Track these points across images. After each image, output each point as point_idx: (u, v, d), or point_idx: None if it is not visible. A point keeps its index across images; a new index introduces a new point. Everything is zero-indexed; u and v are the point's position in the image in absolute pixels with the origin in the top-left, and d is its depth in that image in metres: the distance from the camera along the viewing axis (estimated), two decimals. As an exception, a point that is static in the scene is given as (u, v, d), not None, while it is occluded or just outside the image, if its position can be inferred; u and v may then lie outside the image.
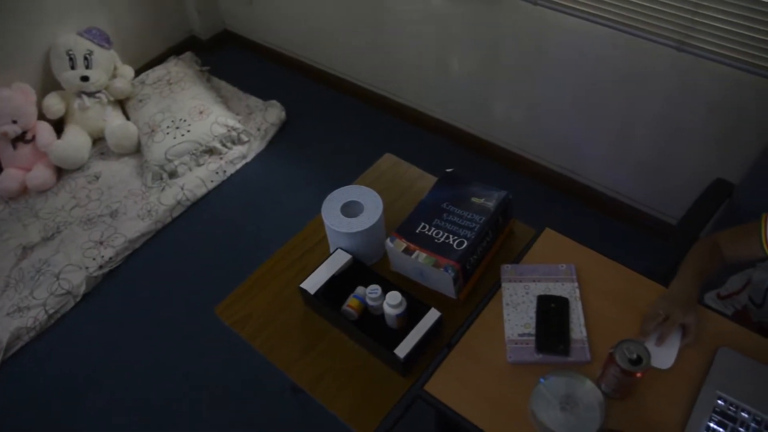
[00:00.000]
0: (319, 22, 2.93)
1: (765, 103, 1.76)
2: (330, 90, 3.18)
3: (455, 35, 2.43)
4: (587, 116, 2.26)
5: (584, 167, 2.46)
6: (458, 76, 2.56)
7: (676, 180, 2.17)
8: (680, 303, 1.21)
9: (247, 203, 2.68)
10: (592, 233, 2.43)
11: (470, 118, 2.70)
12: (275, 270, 1.49)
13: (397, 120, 2.97)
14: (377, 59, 2.84)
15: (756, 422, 1.09)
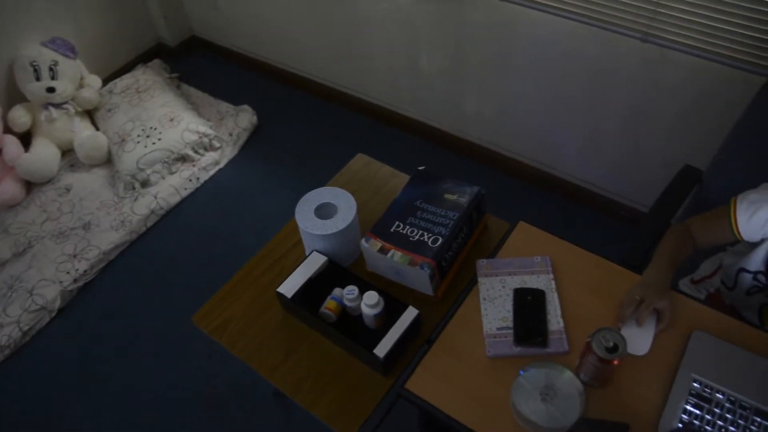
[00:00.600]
0: (287, 24, 2.92)
1: (728, 89, 1.79)
2: (301, 92, 3.16)
3: (424, 33, 2.43)
4: (557, 109, 2.28)
5: (556, 160, 2.48)
6: (429, 74, 2.57)
7: (647, 168, 2.20)
8: (654, 289, 1.23)
9: (222, 209, 2.66)
10: (567, 225, 2.46)
11: (442, 115, 2.71)
12: (251, 275, 1.48)
13: (370, 120, 2.96)
14: (347, 60, 2.84)
15: (730, 402, 1.11)
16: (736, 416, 1.10)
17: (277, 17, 2.93)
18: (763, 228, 1.24)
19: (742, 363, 1.17)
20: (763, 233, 1.26)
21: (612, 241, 2.31)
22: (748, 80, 1.62)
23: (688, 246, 1.36)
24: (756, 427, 1.08)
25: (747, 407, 1.10)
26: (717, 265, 1.53)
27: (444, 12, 2.28)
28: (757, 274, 1.32)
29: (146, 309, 2.32)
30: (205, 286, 1.47)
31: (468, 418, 1.13)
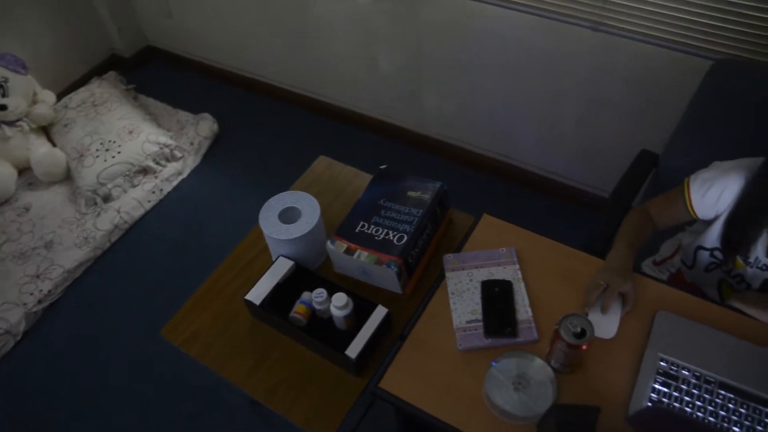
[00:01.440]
0: (243, 30, 2.89)
1: (678, 74, 1.84)
2: (261, 97, 3.14)
3: (381, 32, 2.44)
4: (515, 101, 2.31)
5: (518, 151, 2.51)
6: (387, 73, 2.58)
7: (605, 155, 2.24)
8: (617, 273, 1.25)
9: (188, 220, 2.63)
10: (532, 214, 2.49)
11: (403, 113, 2.72)
12: (219, 285, 1.47)
13: (332, 121, 2.96)
14: (306, 62, 2.83)
15: (696, 378, 1.14)
16: (701, 391, 1.12)
17: (232, 23, 2.90)
18: (716, 205, 1.28)
19: (705, 339, 1.20)
20: (716, 210, 1.29)
21: (576, 228, 2.34)
22: (696, 64, 1.66)
23: (647, 228, 1.40)
24: (720, 400, 1.11)
25: (712, 381, 1.13)
26: (677, 246, 1.57)
27: (400, 10, 2.29)
28: (713, 251, 1.36)
29: (115, 326, 2.29)
30: (174, 298, 1.46)
31: (443, 412, 1.14)
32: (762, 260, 1.29)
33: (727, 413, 1.10)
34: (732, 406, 1.10)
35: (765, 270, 1.30)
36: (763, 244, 1.27)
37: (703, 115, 1.55)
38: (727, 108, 1.51)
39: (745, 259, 1.31)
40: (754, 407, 1.10)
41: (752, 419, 1.09)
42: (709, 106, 1.54)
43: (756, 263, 1.31)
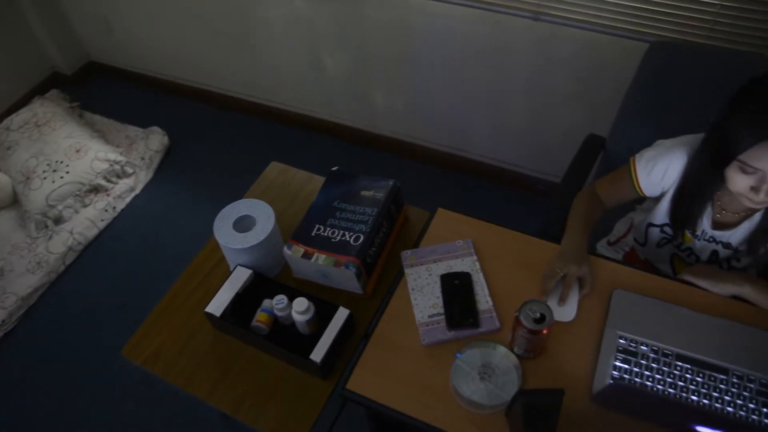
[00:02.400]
0: (187, 40, 2.85)
1: (617, 58, 1.89)
2: (210, 107, 3.11)
3: (325, 34, 2.43)
4: (463, 94, 2.33)
5: (470, 143, 2.54)
6: (335, 74, 2.57)
7: (555, 141, 2.28)
8: (573, 258, 1.28)
9: (144, 236, 2.58)
10: (489, 205, 2.52)
11: (353, 113, 2.72)
12: (178, 299, 1.44)
13: (282, 126, 2.94)
14: (252, 69, 2.80)
15: (654, 352, 1.17)
16: (660, 364, 1.15)
17: (174, 34, 2.86)
18: (662, 182, 1.32)
19: (660, 313, 1.23)
20: (663, 187, 1.33)
21: (533, 215, 2.38)
22: (633, 48, 1.70)
23: (597, 210, 1.43)
24: (678, 371, 1.14)
25: (669, 354, 1.16)
26: (629, 225, 1.61)
27: (341, 11, 2.29)
28: (663, 227, 1.40)
29: (76, 351, 2.23)
30: (135, 317, 1.43)
31: (412, 408, 1.14)
32: (708, 233, 1.33)
33: (685, 383, 1.13)
34: (689, 376, 1.14)
35: (712, 242, 1.35)
36: (708, 217, 1.32)
37: (643, 96, 1.59)
38: (665, 88, 1.56)
39: (693, 233, 1.35)
40: (709, 375, 1.13)
41: (708, 386, 1.12)
42: (647, 87, 1.58)
43: (703, 236, 1.35)
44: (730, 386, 1.12)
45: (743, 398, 1.11)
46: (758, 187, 1.10)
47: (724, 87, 1.13)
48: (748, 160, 1.07)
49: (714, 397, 1.11)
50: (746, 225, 1.28)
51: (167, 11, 2.75)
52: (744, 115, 1.07)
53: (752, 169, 1.08)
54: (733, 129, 1.08)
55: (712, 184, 1.24)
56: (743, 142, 1.05)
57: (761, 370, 1.13)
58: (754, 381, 1.12)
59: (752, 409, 1.09)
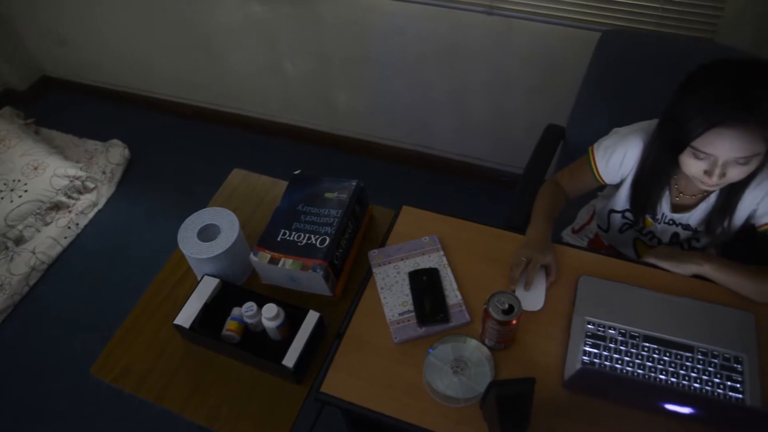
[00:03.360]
0: (142, 50, 2.81)
1: (572, 48, 1.91)
2: (171, 116, 3.07)
3: (282, 38, 2.42)
4: (424, 91, 2.34)
5: (433, 139, 2.55)
6: (295, 77, 2.56)
7: (517, 133, 2.31)
8: (537, 247, 1.29)
9: (109, 251, 2.53)
10: (455, 200, 2.54)
11: (315, 115, 2.71)
12: (146, 313, 1.42)
13: (245, 132, 2.92)
14: (211, 76, 2.78)
15: (622, 335, 1.19)
16: (628, 346, 1.18)
17: (129, 43, 2.81)
18: (620, 169, 1.34)
19: (626, 297, 1.25)
20: (621, 174, 1.36)
21: (499, 207, 2.39)
22: (587, 37, 1.73)
23: (560, 200, 1.45)
24: (646, 352, 1.17)
25: (636, 336, 1.19)
26: (592, 212, 1.63)
27: (298, 13, 2.28)
28: (624, 213, 1.42)
29: (44, 374, 2.18)
30: (104, 335, 1.40)
31: (388, 407, 1.14)
32: (668, 216, 1.36)
33: (653, 363, 1.16)
34: (657, 356, 1.16)
35: (672, 224, 1.38)
36: (667, 201, 1.34)
37: (598, 84, 1.62)
38: (619, 75, 1.59)
39: (654, 217, 1.38)
40: (675, 353, 1.16)
41: (675, 365, 1.15)
42: (602, 76, 1.61)
43: (663, 219, 1.38)
44: (696, 363, 1.15)
45: (708, 374, 1.13)
46: (711, 171, 1.12)
47: (676, 72, 1.15)
48: (700, 146, 1.10)
49: (681, 375, 1.14)
50: (703, 206, 1.31)
51: (120, 21, 2.71)
52: (694, 103, 1.09)
53: (704, 154, 1.11)
54: (685, 117, 1.10)
55: (668, 169, 1.27)
56: (695, 129, 1.08)
57: (724, 345, 1.16)
58: (717, 356, 1.15)
59: (717, 383, 1.12)
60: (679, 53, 1.52)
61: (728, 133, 1.05)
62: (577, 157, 1.45)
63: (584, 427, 1.09)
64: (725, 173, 1.12)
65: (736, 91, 1.05)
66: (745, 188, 1.23)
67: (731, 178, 1.13)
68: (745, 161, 1.09)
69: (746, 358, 1.15)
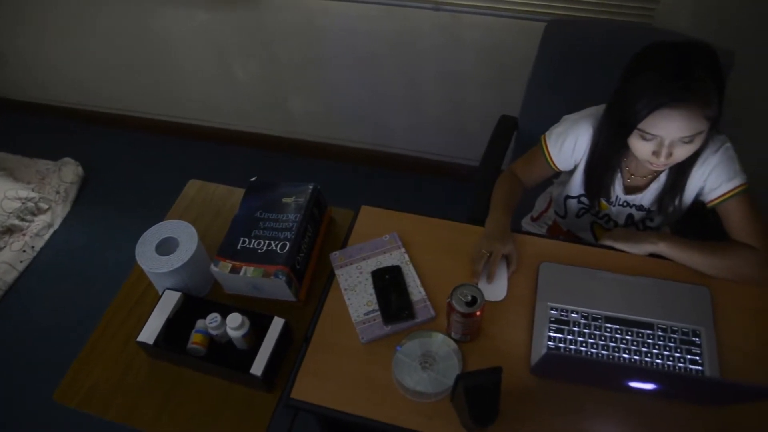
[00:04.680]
0: (88, 65, 2.75)
1: (519, 39, 1.94)
2: (123, 131, 3.01)
3: (230, 44, 2.40)
4: (377, 90, 2.35)
5: (390, 137, 2.56)
6: (246, 83, 2.54)
7: (472, 126, 2.33)
8: (497, 237, 1.31)
9: (69, 272, 2.47)
10: (415, 196, 2.55)
11: (270, 120, 2.69)
12: (108, 332, 1.39)
13: (199, 143, 2.89)
14: (161, 88, 2.73)
15: (584, 318, 1.21)
16: (591, 329, 1.20)
17: (74, 59, 2.75)
18: (573, 155, 1.37)
19: (586, 280, 1.28)
20: (575, 160, 1.38)
21: (459, 201, 2.42)
22: (532, 28, 1.75)
23: (517, 190, 1.47)
24: (609, 333, 1.19)
25: (598, 318, 1.21)
26: (549, 199, 1.66)
27: (243, 19, 2.26)
28: (579, 198, 1.45)
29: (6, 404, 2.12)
30: (67, 358, 1.37)
31: (359, 407, 1.14)
32: (622, 198, 1.39)
33: (615, 343, 1.18)
34: (619, 336, 1.19)
35: (626, 206, 1.41)
36: (620, 183, 1.37)
37: (546, 73, 1.65)
38: (565, 64, 1.62)
39: (608, 200, 1.41)
40: (636, 332, 1.19)
41: (637, 343, 1.18)
42: (549, 65, 1.64)
43: (617, 201, 1.41)
44: (657, 339, 1.18)
45: (669, 349, 1.16)
46: (659, 152, 1.15)
47: (619, 58, 1.18)
48: (646, 128, 1.13)
49: (643, 352, 1.17)
50: (654, 186, 1.34)
51: (63, 36, 2.64)
52: (637, 87, 1.12)
53: (651, 135, 1.14)
54: (629, 101, 1.13)
55: (618, 152, 1.30)
56: (640, 112, 1.11)
57: (682, 320, 1.20)
58: (676, 331, 1.18)
59: (678, 357, 1.15)
60: (620, 39, 1.56)
61: (671, 114, 1.09)
62: (531, 146, 1.47)
63: (553, 410, 1.11)
64: (672, 153, 1.15)
65: (676, 72, 1.08)
66: (692, 166, 1.26)
67: (678, 157, 1.17)
68: (690, 140, 1.12)
69: (704, 330, 1.18)
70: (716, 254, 1.26)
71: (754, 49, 1.67)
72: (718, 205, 1.27)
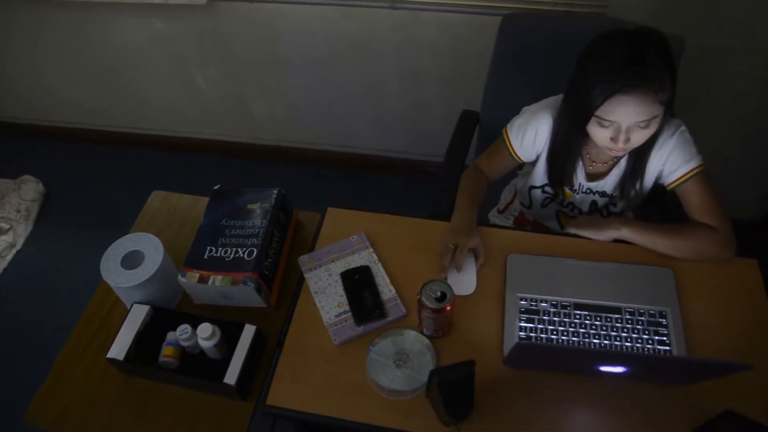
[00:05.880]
0: (45, 78, 2.69)
1: (476, 34, 1.96)
2: (84, 145, 2.95)
3: (189, 52, 2.37)
4: (340, 92, 2.34)
5: (355, 138, 2.56)
6: (208, 91, 2.51)
7: (434, 123, 2.34)
8: (462, 231, 1.32)
9: (34, 292, 2.42)
10: (383, 196, 2.55)
11: (233, 127, 2.67)
12: (78, 350, 1.36)
13: (163, 153, 2.85)
14: (121, 99, 2.69)
15: (553, 306, 1.23)
16: (561, 316, 1.22)
17: (31, 75, 2.68)
18: (535, 146, 1.38)
19: (553, 269, 1.30)
20: (536, 150, 1.40)
21: (426, 198, 2.42)
22: (489, 23, 1.76)
23: (482, 184, 1.48)
24: (578, 319, 1.21)
25: (567, 305, 1.23)
26: (514, 191, 1.68)
27: (200, 26, 2.23)
28: (543, 187, 1.47)
29: (-22, 427, 2.07)
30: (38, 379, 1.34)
31: (336, 410, 1.14)
32: (585, 185, 1.41)
33: (585, 329, 1.20)
34: (588, 322, 1.21)
35: (589, 193, 1.43)
36: (581, 171, 1.40)
37: (504, 67, 1.66)
38: (522, 56, 1.63)
39: (571, 188, 1.43)
40: (605, 317, 1.21)
41: (606, 327, 1.20)
42: (507, 58, 1.65)
43: (581, 189, 1.43)
44: (625, 323, 1.20)
45: (637, 331, 1.19)
46: (616, 138, 1.18)
47: (574, 48, 1.20)
48: (603, 114, 1.15)
49: (612, 336, 1.19)
50: (615, 172, 1.37)
51: (14, 49, 2.58)
52: (592, 75, 1.14)
53: (608, 122, 1.16)
54: (586, 89, 1.15)
55: (578, 141, 1.32)
56: (596, 99, 1.13)
57: (648, 302, 1.22)
58: (643, 313, 1.21)
59: (646, 339, 1.18)
60: (575, 29, 1.58)
61: (626, 100, 1.11)
62: (493, 140, 1.48)
63: (527, 398, 1.13)
64: (629, 138, 1.17)
65: (629, 59, 1.10)
66: (650, 150, 1.29)
67: (635, 142, 1.19)
68: (646, 124, 1.15)
69: (669, 311, 1.21)
70: (678, 236, 1.28)
71: (703, 35, 1.71)
72: (677, 187, 1.30)
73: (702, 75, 1.86)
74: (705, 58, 1.80)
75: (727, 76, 1.87)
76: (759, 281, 1.27)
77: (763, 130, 2.00)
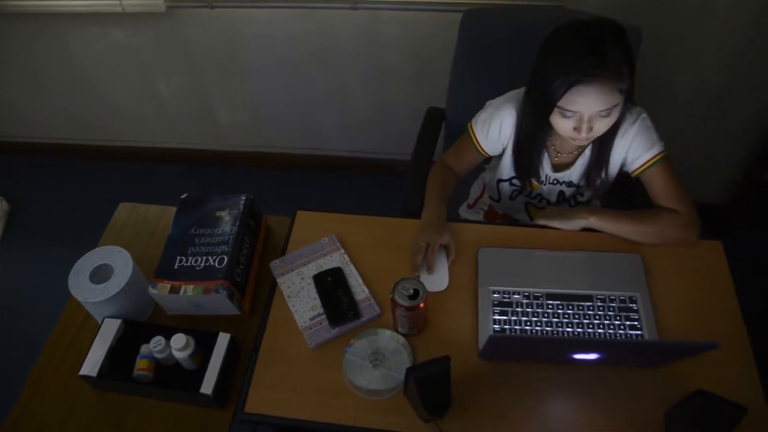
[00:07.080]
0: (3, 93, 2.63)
1: (438, 31, 1.97)
2: (48, 160, 2.90)
3: (152, 60, 2.34)
4: (305, 94, 2.34)
5: (323, 140, 2.55)
6: (172, 99, 2.49)
7: (402, 121, 2.35)
8: (433, 228, 1.32)
9: (4, 311, 2.37)
10: (354, 197, 2.55)
11: (200, 134, 2.65)
12: (49, 369, 1.34)
13: (129, 164, 2.82)
14: (84, 111, 2.65)
15: (525, 297, 1.24)
16: (534, 307, 1.23)
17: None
18: (500, 140, 1.40)
19: (525, 260, 1.31)
20: (502, 144, 1.41)
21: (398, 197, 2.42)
22: (450, 19, 1.78)
23: (451, 180, 1.49)
24: (551, 309, 1.22)
25: (539, 296, 1.24)
26: (483, 185, 1.69)
27: (161, 34, 2.21)
28: (511, 180, 1.48)
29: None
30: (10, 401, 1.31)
31: (315, 413, 1.14)
32: (551, 176, 1.43)
33: (558, 318, 1.21)
34: (561, 311, 1.22)
35: (556, 184, 1.45)
36: (547, 162, 1.41)
37: (467, 62, 1.67)
38: (485, 51, 1.64)
39: (538, 179, 1.45)
40: (577, 305, 1.22)
41: (579, 315, 1.21)
42: (469, 54, 1.66)
43: (548, 180, 1.44)
44: (596, 310, 1.22)
45: (609, 318, 1.20)
46: (579, 127, 1.19)
47: (534, 41, 1.21)
48: (565, 105, 1.16)
49: (585, 324, 1.20)
50: (580, 162, 1.39)
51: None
52: (553, 66, 1.15)
53: (570, 112, 1.17)
54: (547, 80, 1.16)
55: (542, 132, 1.33)
56: (557, 91, 1.14)
57: (618, 289, 1.24)
58: (614, 300, 1.22)
59: (618, 325, 1.19)
60: (535, 23, 1.58)
61: (587, 90, 1.12)
62: (460, 135, 1.49)
63: (504, 390, 1.14)
64: (592, 127, 1.19)
65: (588, 49, 1.12)
66: (613, 139, 1.31)
67: (598, 130, 1.21)
68: (607, 113, 1.16)
69: (639, 296, 1.23)
70: (644, 221, 1.31)
71: (660, 24, 1.75)
72: (641, 173, 1.32)
73: (660, 62, 1.89)
74: (662, 46, 1.83)
75: (685, 63, 1.91)
76: (724, 262, 1.29)
77: (723, 114, 2.04)
